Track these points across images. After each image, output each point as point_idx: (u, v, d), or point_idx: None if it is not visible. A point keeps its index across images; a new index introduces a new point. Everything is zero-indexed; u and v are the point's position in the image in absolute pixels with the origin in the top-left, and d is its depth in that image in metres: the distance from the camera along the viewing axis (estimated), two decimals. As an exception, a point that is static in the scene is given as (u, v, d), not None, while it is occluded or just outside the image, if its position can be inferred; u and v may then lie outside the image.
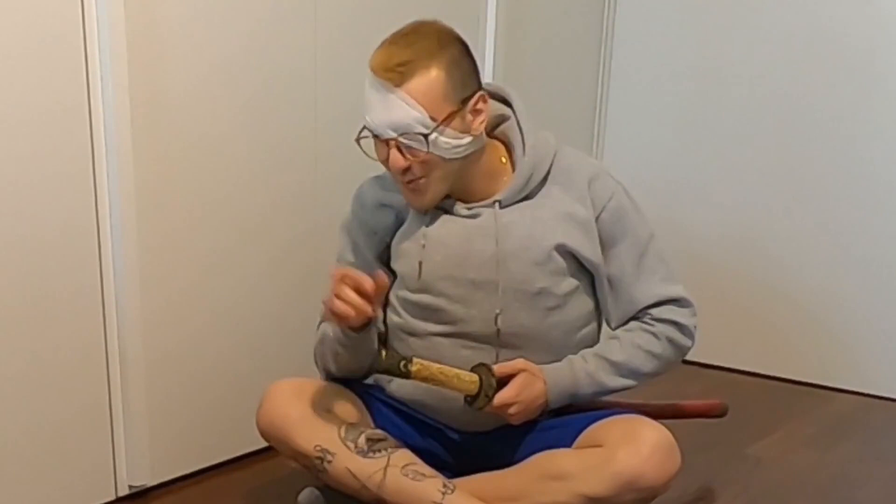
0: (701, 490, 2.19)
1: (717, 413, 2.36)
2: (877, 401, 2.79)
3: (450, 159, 1.82)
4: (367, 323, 1.79)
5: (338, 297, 1.72)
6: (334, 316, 1.75)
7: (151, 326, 2.01)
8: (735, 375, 2.96)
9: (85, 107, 1.85)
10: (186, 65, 1.98)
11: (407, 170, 1.82)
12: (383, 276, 1.77)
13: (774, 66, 2.83)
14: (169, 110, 1.97)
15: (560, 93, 2.91)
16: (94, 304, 1.93)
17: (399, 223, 1.95)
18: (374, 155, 1.85)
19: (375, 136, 1.82)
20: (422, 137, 1.78)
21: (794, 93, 2.81)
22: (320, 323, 1.97)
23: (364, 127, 1.83)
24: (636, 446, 1.74)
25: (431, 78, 1.78)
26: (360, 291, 1.72)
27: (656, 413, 2.01)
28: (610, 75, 3.08)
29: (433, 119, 1.78)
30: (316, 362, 1.98)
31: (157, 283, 2.01)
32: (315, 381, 1.95)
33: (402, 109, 1.77)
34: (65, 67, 1.81)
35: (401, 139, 1.79)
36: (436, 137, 1.79)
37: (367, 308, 1.73)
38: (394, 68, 1.77)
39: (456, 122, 1.81)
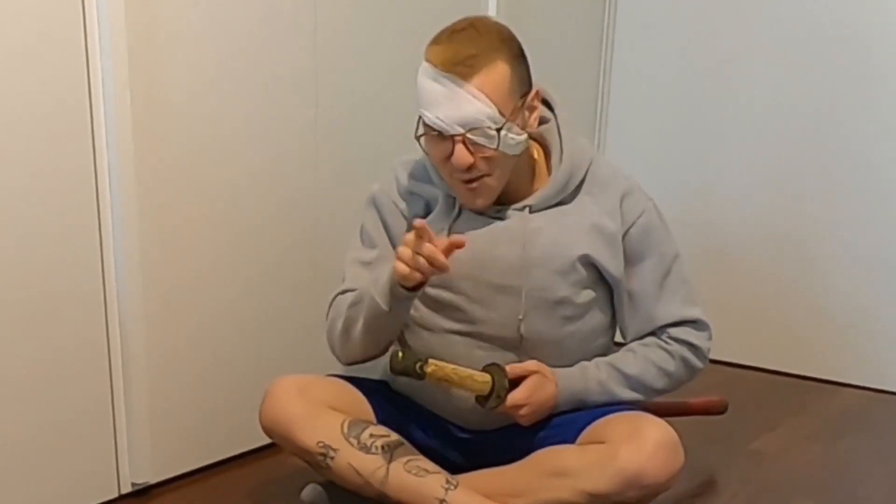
0: (703, 485, 2.19)
1: (718, 410, 2.36)
2: (881, 395, 2.78)
3: (511, 156, 1.81)
4: (424, 282, 1.75)
5: (418, 252, 1.69)
6: (412, 270, 1.69)
7: (153, 324, 2.01)
8: (738, 370, 2.95)
9: (86, 106, 1.84)
10: (187, 63, 1.98)
11: (471, 167, 1.79)
12: (462, 238, 1.74)
13: (779, 60, 2.82)
14: (170, 109, 1.97)
15: (561, 91, 2.90)
16: (97, 302, 1.93)
17: (427, 212, 1.93)
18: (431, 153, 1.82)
19: (437, 133, 1.78)
20: (494, 132, 1.76)
21: (800, 88, 2.80)
22: (332, 305, 1.94)
23: (423, 123, 1.79)
24: (639, 443, 1.74)
25: (499, 72, 1.76)
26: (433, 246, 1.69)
27: (658, 410, 2.00)
28: (611, 73, 3.08)
29: (502, 114, 1.77)
30: (332, 343, 1.94)
31: (160, 281, 2.01)
32: (318, 378, 1.94)
33: (472, 104, 1.74)
34: (66, 66, 1.80)
35: (469, 135, 1.76)
36: (505, 133, 1.77)
37: (446, 263, 1.69)
38: (462, 62, 1.73)
39: (518, 118, 1.80)
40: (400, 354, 1.75)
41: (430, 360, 1.76)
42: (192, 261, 2.07)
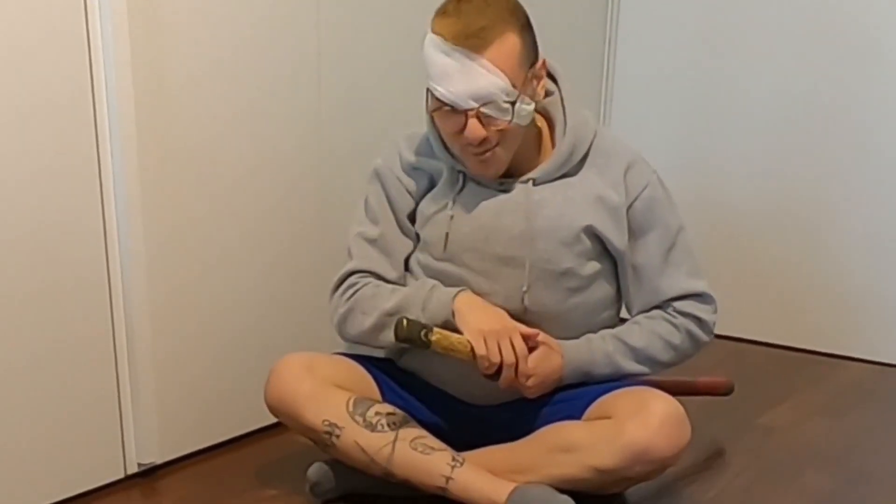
0: (711, 460, 2.18)
1: (724, 391, 2.35)
2: (889, 368, 2.77)
3: (521, 126, 1.81)
4: None
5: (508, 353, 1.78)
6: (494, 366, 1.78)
7: (159, 306, 2.00)
8: (746, 345, 2.94)
9: (89, 97, 1.83)
10: (190, 57, 1.97)
11: (484, 140, 1.78)
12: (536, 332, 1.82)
13: (787, 38, 2.78)
14: (173, 103, 1.96)
15: (565, 68, 2.89)
16: (102, 285, 1.92)
17: (431, 187, 1.93)
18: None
19: (450, 107, 1.77)
20: (507, 105, 1.75)
21: (807, 68, 2.76)
22: (344, 286, 1.93)
23: (434, 97, 1.78)
24: (646, 418, 1.74)
25: (510, 43, 1.75)
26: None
27: (663, 388, 1.99)
28: (616, 51, 3.04)
29: (514, 86, 1.75)
30: (348, 329, 1.93)
31: (164, 265, 2.00)
32: (323, 356, 1.94)
33: (485, 78, 1.73)
34: (68, 58, 1.79)
35: (483, 109, 1.75)
36: (519, 106, 1.77)
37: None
38: (474, 35, 1.72)
39: (528, 88, 1.79)
40: (405, 322, 1.75)
41: (435, 329, 1.76)
42: (197, 245, 2.07)
